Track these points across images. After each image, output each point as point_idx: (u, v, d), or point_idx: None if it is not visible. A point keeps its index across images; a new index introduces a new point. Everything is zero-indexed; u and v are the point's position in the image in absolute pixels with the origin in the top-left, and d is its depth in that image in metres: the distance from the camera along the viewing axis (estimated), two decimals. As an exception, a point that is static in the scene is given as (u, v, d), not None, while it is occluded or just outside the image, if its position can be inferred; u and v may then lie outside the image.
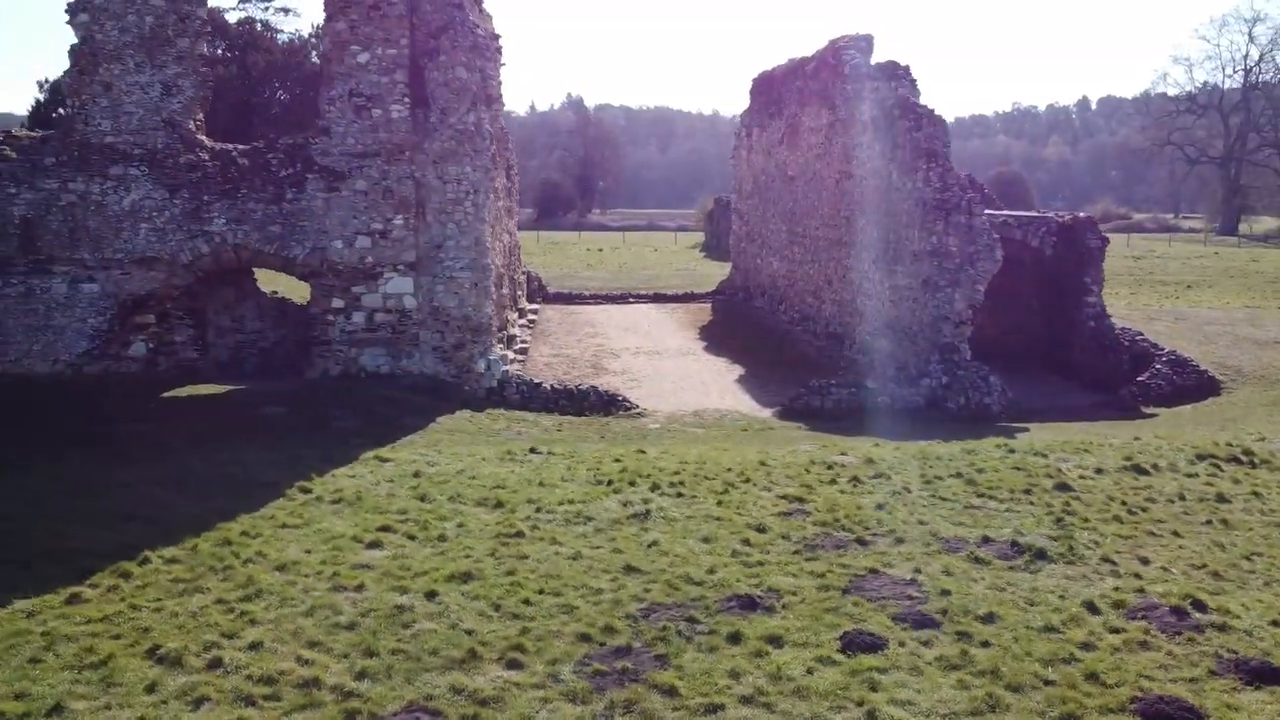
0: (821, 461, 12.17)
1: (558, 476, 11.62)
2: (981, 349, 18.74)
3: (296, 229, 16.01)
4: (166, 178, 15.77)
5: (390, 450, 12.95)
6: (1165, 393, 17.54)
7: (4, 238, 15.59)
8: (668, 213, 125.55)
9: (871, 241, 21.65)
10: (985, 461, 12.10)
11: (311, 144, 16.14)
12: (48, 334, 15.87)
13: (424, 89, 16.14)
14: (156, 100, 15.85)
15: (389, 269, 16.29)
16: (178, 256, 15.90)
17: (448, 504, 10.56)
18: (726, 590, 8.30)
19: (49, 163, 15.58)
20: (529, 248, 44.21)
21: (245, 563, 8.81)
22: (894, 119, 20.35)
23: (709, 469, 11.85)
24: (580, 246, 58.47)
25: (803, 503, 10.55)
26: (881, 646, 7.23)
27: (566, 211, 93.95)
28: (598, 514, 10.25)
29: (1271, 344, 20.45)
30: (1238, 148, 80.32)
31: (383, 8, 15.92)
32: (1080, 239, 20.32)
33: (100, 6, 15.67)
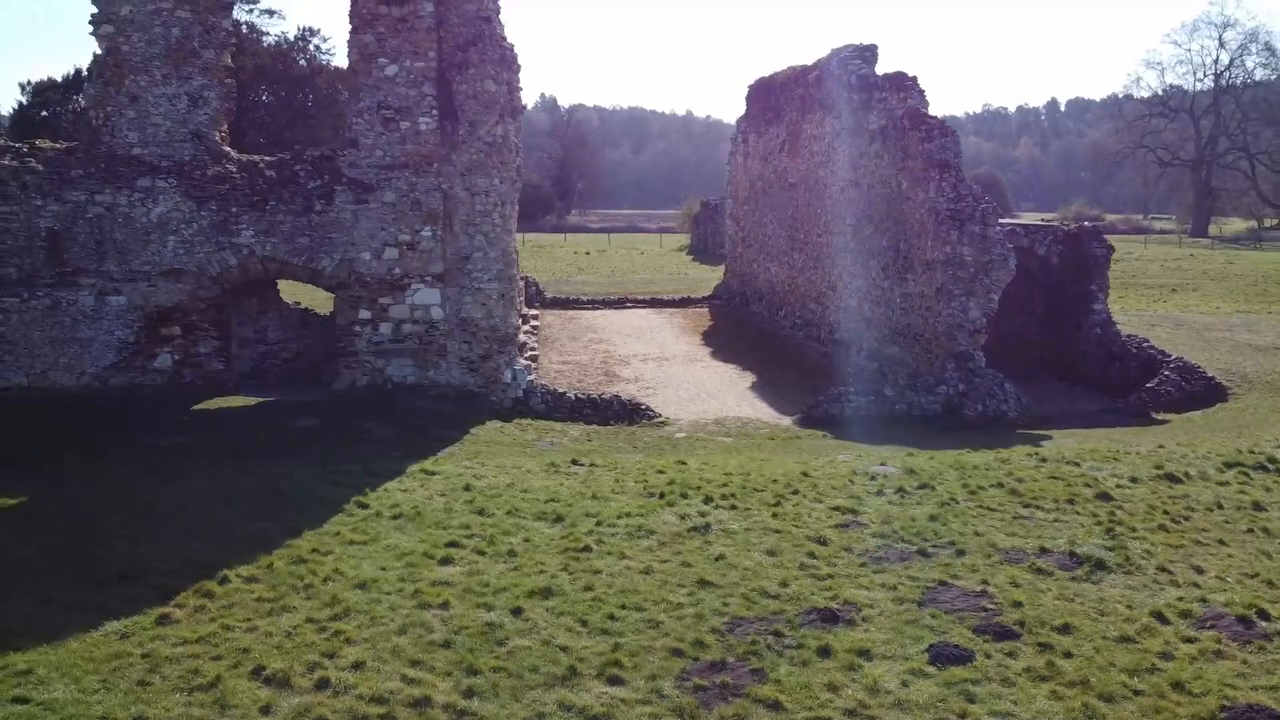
0: (863, 472, 12.43)
1: (608, 489, 11.79)
2: (986, 354, 19.09)
3: (325, 241, 16.06)
4: (194, 190, 15.75)
5: (433, 463, 13.05)
6: (1175, 399, 17.97)
7: (30, 250, 15.52)
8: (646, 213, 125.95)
9: (879, 249, 21.99)
10: (1022, 471, 12.41)
11: (339, 156, 16.20)
12: (74, 346, 15.81)
13: (451, 101, 16.24)
14: (184, 112, 15.84)
15: (416, 280, 16.37)
16: (206, 269, 15.90)
17: (507, 519, 10.69)
18: (804, 603, 8.52)
19: (76, 175, 15.52)
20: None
21: (325, 581, 8.91)
22: (904, 130, 20.66)
23: (755, 480, 12.06)
24: (567, 249, 58.52)
25: (856, 514, 10.80)
26: (969, 658, 7.47)
27: (545, 213, 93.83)
28: (657, 527, 10.43)
29: (1271, 350, 21.00)
30: (1209, 151, 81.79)
31: (410, 21, 15.99)
32: (1086, 248, 20.76)
33: (126, 19, 15.63)
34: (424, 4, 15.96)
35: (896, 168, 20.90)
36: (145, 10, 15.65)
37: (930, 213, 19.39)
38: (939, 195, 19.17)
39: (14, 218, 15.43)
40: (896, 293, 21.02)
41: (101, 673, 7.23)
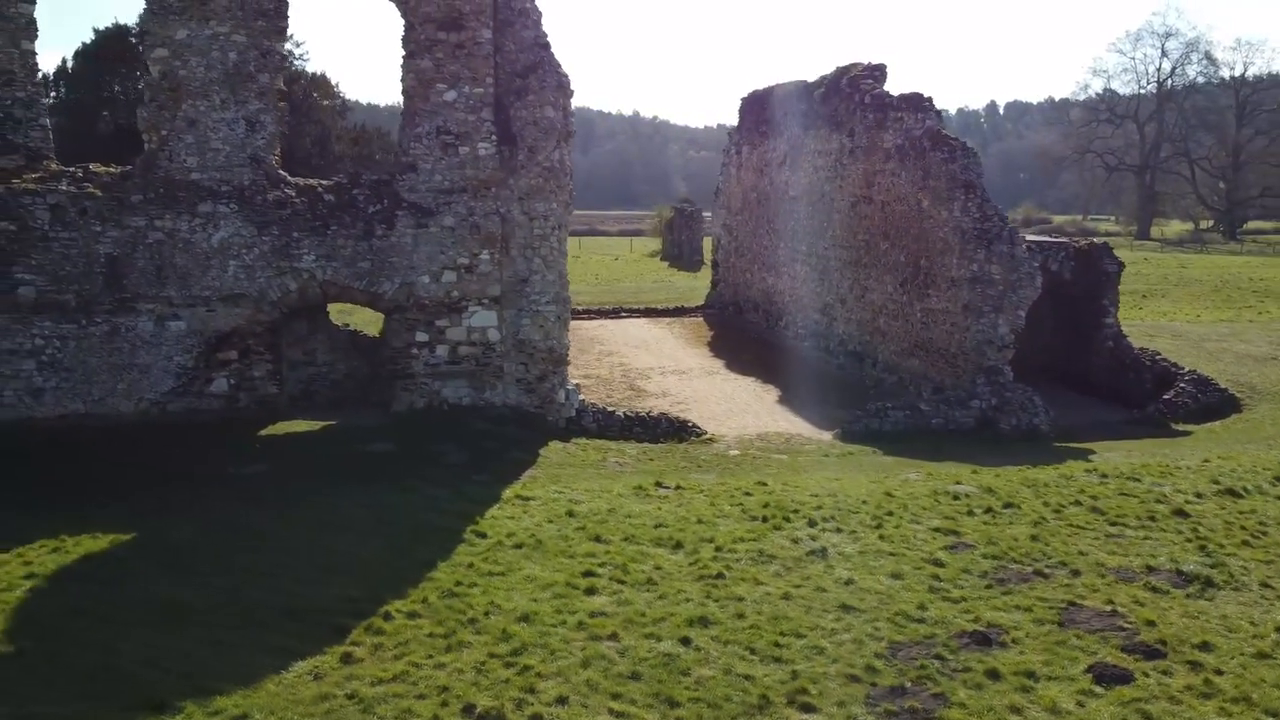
0: (943, 492, 12.98)
1: (708, 513, 12.16)
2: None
3: (386, 265, 16.17)
4: (256, 215, 15.76)
5: (522, 488, 13.30)
6: (1191, 410, 18.89)
7: (89, 277, 15.38)
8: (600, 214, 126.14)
9: (897, 265, 22.65)
10: (1092, 488, 13.06)
11: (397, 180, 16.32)
12: (133, 373, 15.71)
13: (509, 126, 16.46)
14: (242, 136, 15.83)
15: (474, 303, 16.56)
16: (266, 293, 15.91)
17: (628, 546, 11.02)
18: (950, 627, 9.01)
19: (136, 200, 15.43)
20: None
21: (486, 614, 9.17)
22: (924, 150, 21.33)
23: (844, 502, 12.54)
24: (539, 255, 58.45)
25: (958, 535, 11.33)
26: (1129, 678, 8.02)
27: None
28: (776, 552, 10.85)
29: (1269, 360, 22.12)
30: (1152, 156, 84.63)
31: (468, 47, 16.18)
32: (1097, 264, 21.64)
33: (183, 43, 15.57)
34: (482, 31, 16.16)
35: (917, 186, 21.56)
36: (203, 35, 15.60)
37: (955, 231, 20.08)
38: (964, 215, 19.86)
39: (73, 244, 15.28)
40: (917, 308, 21.69)
41: (315, 715, 7.44)
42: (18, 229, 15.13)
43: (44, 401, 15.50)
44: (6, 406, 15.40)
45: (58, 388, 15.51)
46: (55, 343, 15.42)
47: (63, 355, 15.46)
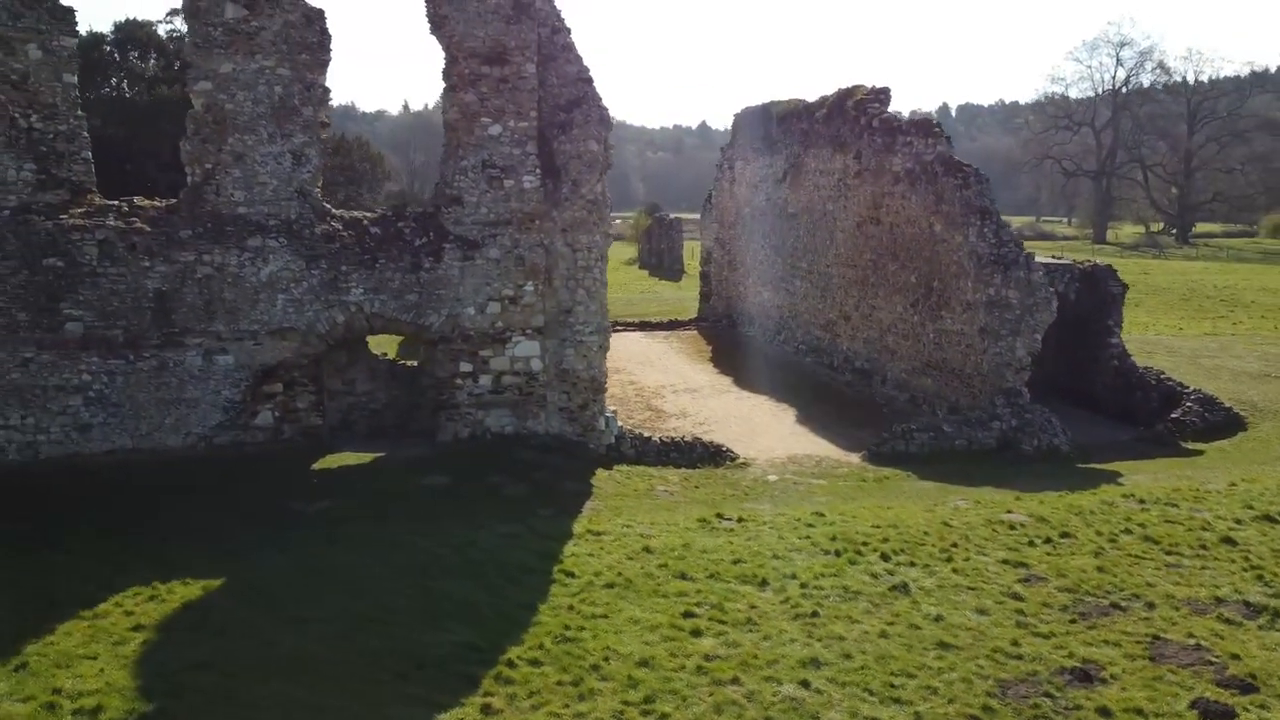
0: (997, 521, 13.49)
1: (779, 547, 12.53)
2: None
3: (433, 297, 16.32)
4: (304, 248, 15.82)
5: (589, 522, 13.56)
6: (1199, 429, 19.68)
7: (137, 311, 15.34)
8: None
9: (907, 285, 23.24)
10: (1136, 515, 13.66)
11: (443, 213, 16.47)
12: (181, 407, 15.69)
13: (553, 160, 16.69)
14: (289, 170, 15.88)
15: (517, 333, 16.78)
16: (314, 326, 15.98)
17: (715, 583, 11.35)
18: (1049, 663, 9.48)
19: (185, 235, 15.41)
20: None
21: (605, 659, 9.44)
22: (935, 175, 21.93)
23: (907, 534, 12.99)
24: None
25: (1027, 568, 11.83)
26: (1232, 714, 8.54)
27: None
28: (860, 588, 11.25)
29: (1263, 376, 23.09)
30: (1109, 162, 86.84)
31: (512, 81, 16.39)
32: (1102, 285, 22.42)
33: (229, 76, 15.58)
34: (526, 65, 16.38)
35: (929, 210, 22.15)
36: (249, 69, 15.62)
37: (970, 256, 20.69)
38: (980, 240, 20.47)
39: (121, 279, 15.23)
40: (930, 328, 22.28)
41: (477, 770, 7.67)
42: (66, 265, 15.06)
43: (91, 437, 15.44)
44: (54, 443, 15.33)
45: (105, 423, 15.46)
46: (103, 378, 15.37)
47: (110, 391, 15.41)
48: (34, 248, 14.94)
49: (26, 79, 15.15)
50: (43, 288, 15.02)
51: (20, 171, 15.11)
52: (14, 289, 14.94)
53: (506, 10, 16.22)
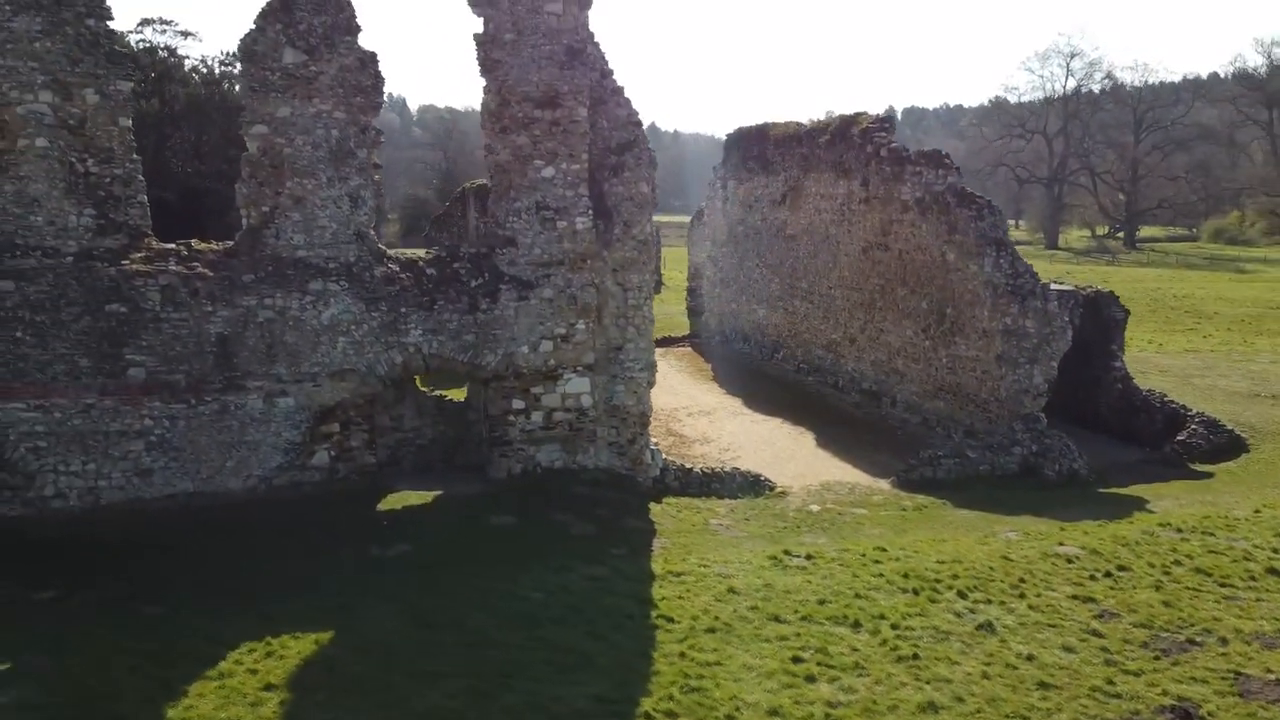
0: (1052, 554, 14.19)
1: (857, 585, 13.06)
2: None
3: (490, 337, 16.59)
4: (365, 292, 15.98)
5: (665, 562, 13.95)
6: (1204, 451, 20.69)
7: (199, 356, 15.39)
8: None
9: (918, 311, 23.99)
10: (1179, 545, 14.46)
11: (496, 254, 16.75)
12: (242, 450, 15.77)
13: (603, 201, 17.06)
14: (347, 213, 16.04)
15: (569, 370, 17.11)
16: (374, 368, 16.16)
17: (810, 625, 11.84)
18: (1147, 701, 10.14)
19: (247, 280, 15.50)
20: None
21: (737, 710, 9.88)
22: (948, 205, 22.68)
23: (972, 568, 13.62)
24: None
25: (1096, 603, 12.52)
26: (1329, 749, 9.26)
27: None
28: (948, 627, 11.83)
29: (1253, 396, 24.29)
30: (1060, 170, 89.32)
31: (564, 124, 16.72)
32: (1104, 311, 23.38)
33: (287, 120, 15.69)
34: (579, 109, 16.72)
35: (941, 239, 22.90)
36: (307, 113, 15.75)
37: (986, 286, 21.47)
38: (996, 270, 21.26)
39: (184, 324, 15.27)
40: (943, 354, 23.04)
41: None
42: (129, 311, 15.06)
43: (153, 482, 15.46)
44: (115, 488, 15.32)
45: (166, 467, 15.49)
46: (164, 423, 15.39)
47: (172, 435, 15.44)
48: (97, 294, 14.93)
49: (84, 124, 15.12)
50: (105, 334, 15.01)
51: (80, 217, 15.08)
52: (76, 335, 14.91)
53: (560, 56, 16.55)
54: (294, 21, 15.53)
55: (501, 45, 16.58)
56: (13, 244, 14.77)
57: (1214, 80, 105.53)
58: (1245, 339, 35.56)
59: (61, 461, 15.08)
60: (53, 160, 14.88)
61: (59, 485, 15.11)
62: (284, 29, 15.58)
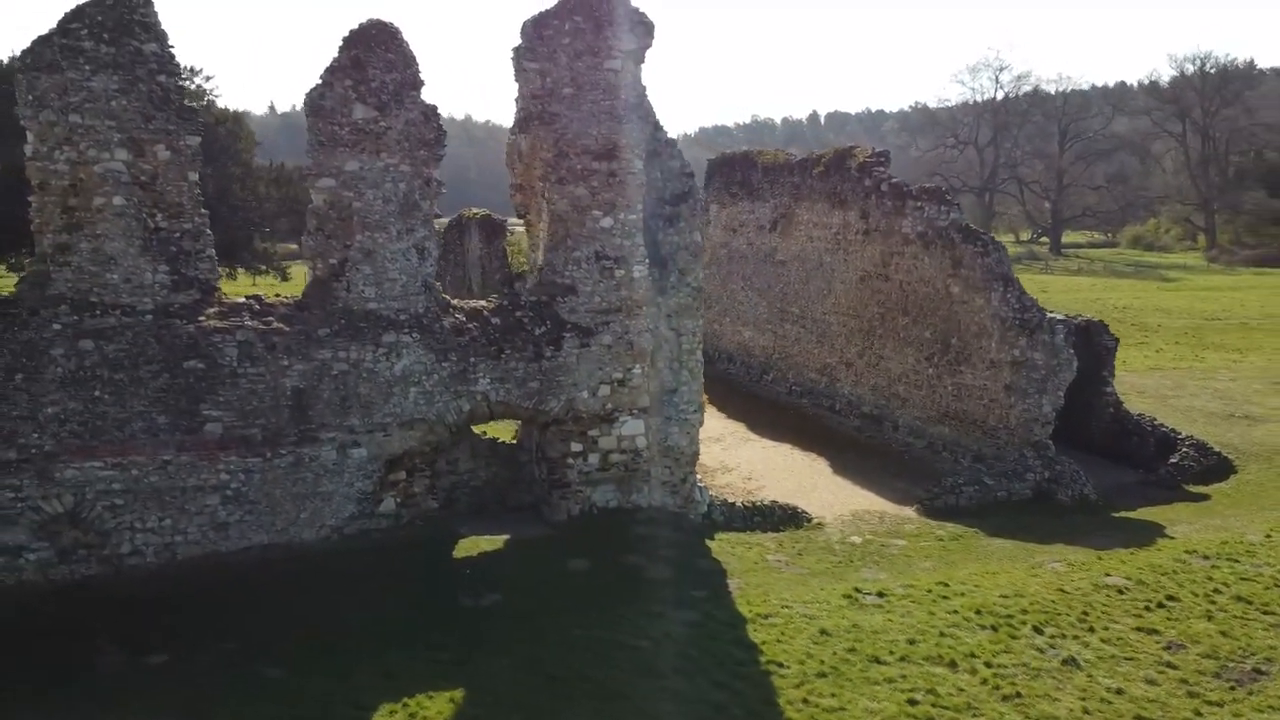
0: (1102, 585, 15.27)
1: (938, 623, 13.91)
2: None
3: (553, 384, 17.03)
4: (436, 342, 16.28)
5: (748, 605, 14.57)
6: (1196, 473, 22.19)
7: (275, 410, 15.51)
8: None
9: (920, 340, 25.10)
10: (1214, 573, 15.68)
11: (557, 302, 17.20)
12: (315, 501, 15.93)
13: (657, 249, 17.65)
14: (415, 265, 16.33)
15: (625, 413, 17.66)
16: (443, 417, 16.46)
17: (909, 666, 12.63)
18: (1239, 732, 11.18)
19: (322, 334, 15.68)
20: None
21: (879, 756, 10.61)
22: (953, 241, 23.82)
23: (1036, 602, 14.59)
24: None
25: (1159, 634, 13.59)
26: None
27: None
28: (1038, 664, 12.75)
29: (1229, 417, 26.00)
30: (991, 179, 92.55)
31: (620, 175, 17.26)
32: (1096, 339, 24.75)
33: (356, 175, 15.91)
34: (635, 161, 17.29)
35: (945, 272, 24.03)
36: (376, 167, 15.98)
37: (994, 319, 22.65)
38: (1003, 305, 22.45)
39: (260, 379, 15.37)
40: (947, 381, 24.18)
41: None
42: (206, 367, 15.13)
43: (228, 535, 15.54)
44: (191, 543, 15.36)
45: (242, 520, 15.58)
46: (240, 476, 15.48)
47: (247, 489, 15.54)
48: (175, 351, 14.96)
49: (155, 180, 15.13)
50: (183, 390, 15.05)
51: (156, 274, 15.09)
52: (154, 392, 14.92)
53: (619, 111, 17.10)
54: (366, 79, 15.77)
55: (560, 99, 17.05)
56: (88, 302, 14.72)
57: (1131, 93, 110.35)
58: (1194, 352, 37.74)
59: (138, 518, 15.07)
60: (129, 218, 14.87)
61: (135, 542, 15.10)
62: (354, 85, 15.80)
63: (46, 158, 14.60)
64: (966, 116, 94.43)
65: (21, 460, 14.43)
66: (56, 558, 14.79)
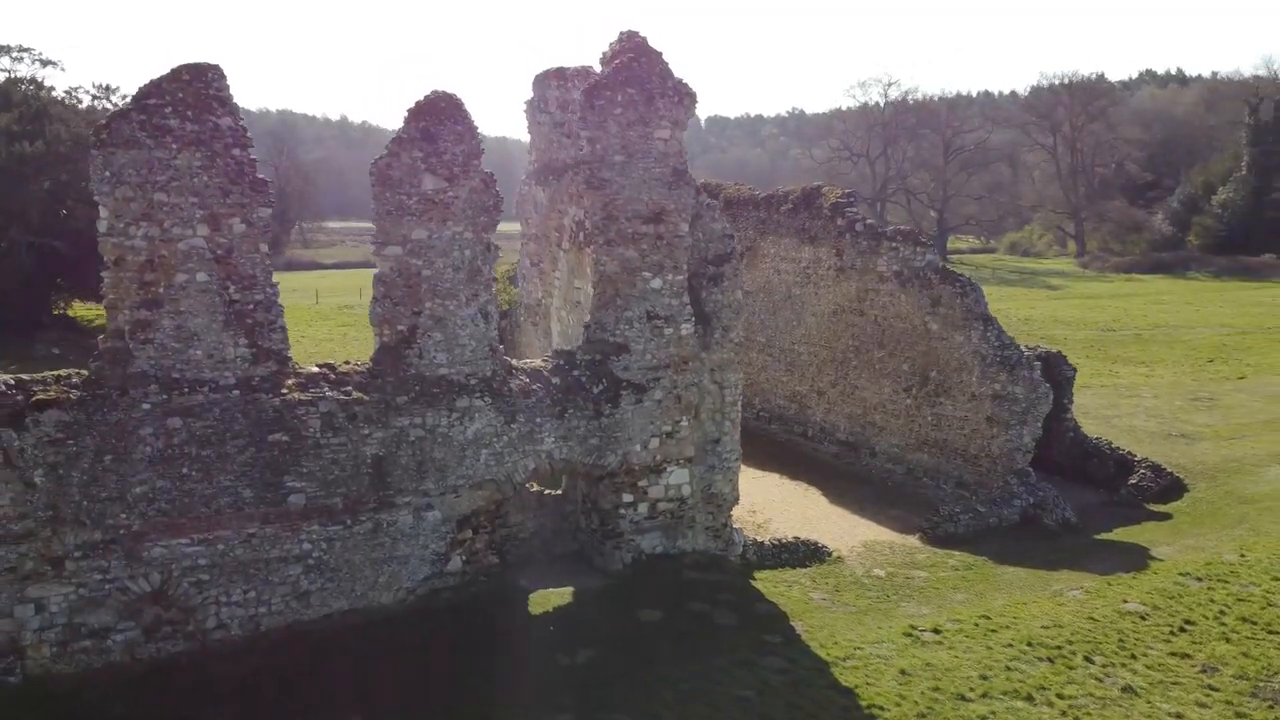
0: (1125, 612, 16.97)
1: (1000, 657, 15.29)
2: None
3: (611, 440, 17.73)
4: (505, 405, 16.76)
5: (822, 648, 15.67)
6: (1154, 492, 24.45)
7: (356, 478, 15.74)
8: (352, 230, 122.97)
9: (897, 372, 26.71)
10: (1214, 595, 17.61)
11: (612, 360, 17.91)
12: (393, 565, 16.22)
13: (701, 307, 18.55)
14: (482, 330, 16.78)
15: (672, 463, 18.52)
16: (511, 476, 16.97)
17: (993, 703, 13.94)
18: (1290, 749, 12.88)
19: (401, 401, 15.98)
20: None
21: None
22: (930, 281, 25.49)
23: (1075, 632, 16.16)
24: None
25: (1191, 658, 15.32)
26: None
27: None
28: (1101, 693, 14.25)
29: (1168, 437, 28.56)
30: (881, 190, 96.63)
31: (668, 239, 18.11)
32: (1056, 369, 26.83)
33: (424, 243, 16.26)
34: (682, 225, 18.17)
35: (924, 310, 25.68)
36: (444, 236, 16.37)
37: (974, 355, 24.39)
38: (983, 343, 24.21)
39: (342, 449, 15.58)
40: (926, 412, 25.85)
41: None
42: (290, 439, 15.26)
43: (310, 604, 15.70)
44: (275, 614, 15.47)
45: (323, 588, 15.76)
46: (322, 545, 15.67)
47: (328, 556, 15.73)
48: (261, 425, 15.05)
49: (230, 253, 15.18)
50: (268, 463, 15.15)
51: (237, 348, 15.14)
52: (240, 466, 14.98)
53: (668, 177, 17.94)
54: (438, 151, 16.15)
55: (610, 166, 17.77)
56: (171, 379, 14.69)
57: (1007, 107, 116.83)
58: (1107, 367, 40.89)
59: (224, 592, 15.10)
60: (212, 294, 14.89)
61: (221, 616, 15.12)
62: (424, 157, 16.16)
63: (122, 234, 14.53)
64: (858, 129, 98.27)
65: (109, 541, 14.33)
66: (143, 636, 14.70)
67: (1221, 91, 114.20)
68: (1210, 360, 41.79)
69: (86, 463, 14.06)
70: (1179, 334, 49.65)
